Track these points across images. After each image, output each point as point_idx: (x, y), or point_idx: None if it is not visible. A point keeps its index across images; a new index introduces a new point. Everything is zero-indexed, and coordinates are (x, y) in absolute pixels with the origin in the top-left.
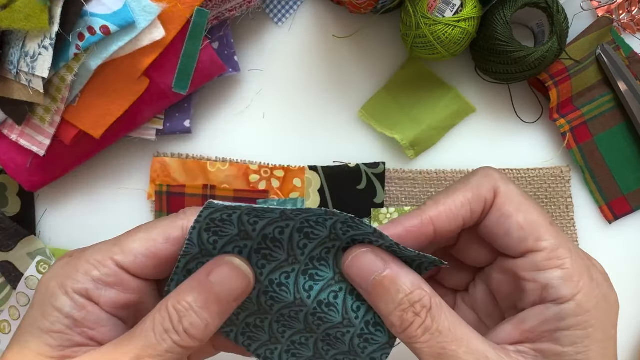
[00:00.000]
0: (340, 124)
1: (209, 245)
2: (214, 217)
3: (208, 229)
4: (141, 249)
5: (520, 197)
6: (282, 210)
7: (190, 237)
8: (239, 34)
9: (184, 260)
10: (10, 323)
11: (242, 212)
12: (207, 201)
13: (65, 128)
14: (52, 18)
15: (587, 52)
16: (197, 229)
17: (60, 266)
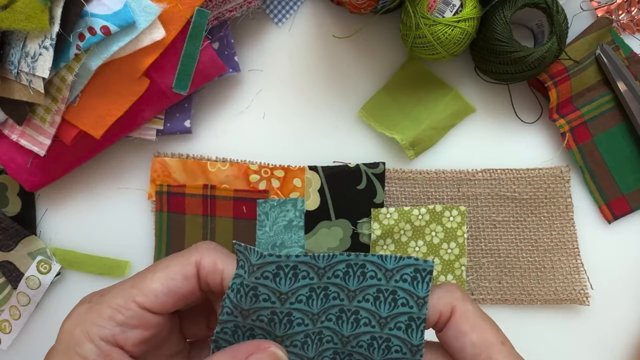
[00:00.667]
0: (340, 124)
1: (246, 305)
2: (248, 282)
3: (243, 291)
4: (161, 288)
5: (476, 317)
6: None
7: (226, 301)
8: (239, 34)
9: (223, 324)
10: (11, 323)
11: (277, 265)
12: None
13: (66, 128)
14: (53, 18)
15: (587, 52)
16: (234, 290)
17: (81, 312)
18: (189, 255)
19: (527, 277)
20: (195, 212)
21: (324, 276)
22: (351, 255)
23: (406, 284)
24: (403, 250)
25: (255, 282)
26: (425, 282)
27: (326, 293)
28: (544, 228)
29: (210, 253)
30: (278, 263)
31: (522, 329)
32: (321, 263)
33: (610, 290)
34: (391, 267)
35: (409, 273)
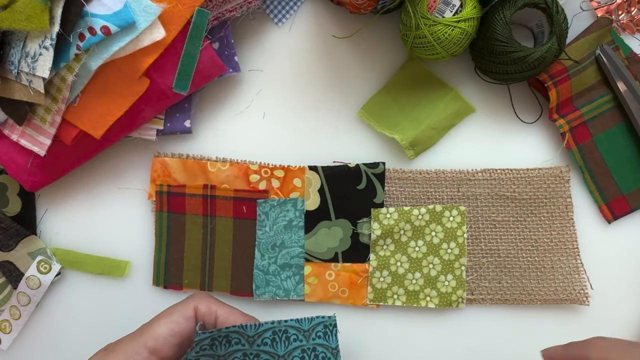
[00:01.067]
0: (340, 124)
1: None
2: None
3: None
4: (167, 330)
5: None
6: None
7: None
8: (239, 34)
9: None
10: (11, 323)
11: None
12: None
13: (66, 128)
14: (53, 18)
15: (587, 52)
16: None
17: (98, 359)
18: (187, 302)
19: (527, 277)
20: (195, 212)
21: (254, 344)
22: (274, 323)
23: (321, 340)
24: (403, 250)
25: (195, 356)
26: (333, 335)
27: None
28: (544, 228)
29: (206, 299)
30: (211, 337)
31: (522, 329)
32: (250, 332)
33: (610, 290)
34: (307, 327)
35: (320, 330)
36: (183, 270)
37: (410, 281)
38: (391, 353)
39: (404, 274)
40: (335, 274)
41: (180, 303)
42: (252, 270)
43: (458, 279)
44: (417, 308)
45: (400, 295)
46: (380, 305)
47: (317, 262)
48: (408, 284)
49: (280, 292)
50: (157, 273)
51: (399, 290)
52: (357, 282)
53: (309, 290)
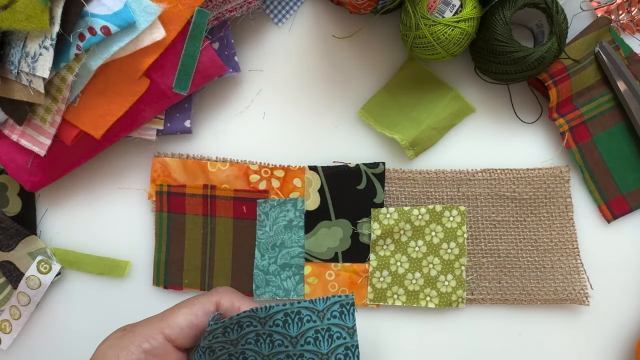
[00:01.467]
0: (340, 124)
1: (206, 358)
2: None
3: (201, 352)
4: (185, 322)
5: None
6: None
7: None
8: (239, 34)
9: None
10: (11, 322)
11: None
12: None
13: (66, 128)
14: (53, 18)
15: (586, 52)
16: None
17: (116, 337)
18: (210, 295)
19: (527, 277)
20: (195, 212)
21: (266, 325)
22: (287, 305)
23: (336, 319)
24: (403, 250)
25: (208, 344)
26: (350, 314)
27: (271, 340)
28: (544, 228)
29: (229, 294)
30: (223, 326)
31: (522, 329)
32: (261, 314)
33: (610, 290)
34: (321, 308)
35: (336, 309)
36: (183, 270)
37: (410, 281)
38: (391, 353)
39: (404, 274)
40: (335, 274)
41: (204, 295)
42: (252, 270)
43: (458, 279)
44: (417, 308)
45: (400, 295)
46: (380, 305)
47: (317, 262)
48: (408, 284)
49: (280, 292)
50: (157, 273)
51: (399, 290)
52: (357, 282)
53: (309, 290)
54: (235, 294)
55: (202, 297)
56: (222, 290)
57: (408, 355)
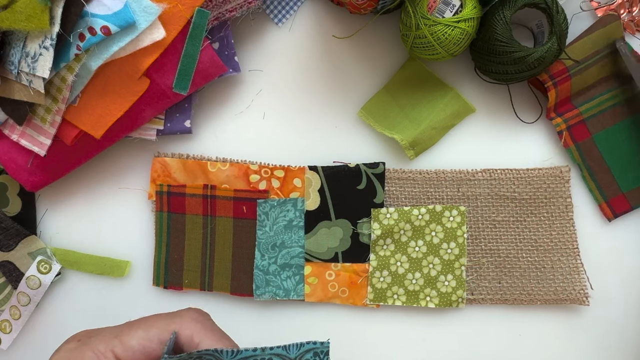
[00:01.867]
0: (340, 124)
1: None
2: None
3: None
4: (138, 347)
5: None
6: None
7: None
8: (239, 34)
9: None
10: (11, 322)
11: None
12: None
13: (66, 128)
14: (53, 18)
15: (591, 51)
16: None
17: (69, 349)
18: (171, 321)
19: (527, 277)
20: (195, 212)
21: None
22: (257, 351)
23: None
24: (403, 250)
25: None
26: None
27: None
28: (544, 228)
29: (191, 324)
30: (180, 359)
31: (522, 329)
32: (226, 358)
33: (610, 290)
34: (294, 356)
35: (310, 357)
36: (183, 270)
37: (410, 281)
38: (391, 353)
39: (404, 274)
40: (335, 274)
41: (165, 318)
42: (252, 270)
43: (458, 279)
44: (417, 308)
45: (400, 295)
46: (380, 305)
47: (317, 262)
48: (408, 284)
49: (280, 292)
50: (157, 273)
51: (399, 290)
52: (357, 282)
53: (309, 290)
54: (200, 325)
55: (161, 321)
56: (187, 317)
57: (408, 356)
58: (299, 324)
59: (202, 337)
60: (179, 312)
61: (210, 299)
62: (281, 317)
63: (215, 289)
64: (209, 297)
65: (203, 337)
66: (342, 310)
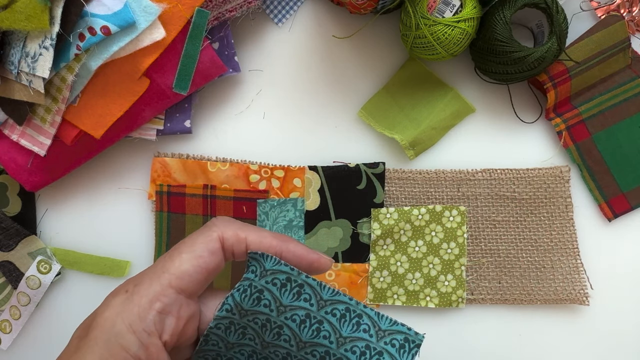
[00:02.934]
0: (340, 124)
1: (247, 305)
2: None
3: (250, 292)
4: (192, 268)
5: None
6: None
7: (229, 299)
8: (239, 34)
9: (218, 320)
10: (11, 322)
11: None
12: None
13: (66, 128)
14: (53, 18)
15: (592, 53)
16: (240, 290)
17: (120, 303)
18: (209, 231)
19: (527, 277)
20: (195, 212)
21: (323, 309)
22: (352, 301)
23: (394, 350)
24: (403, 250)
25: (263, 285)
26: (410, 354)
27: (319, 327)
28: (544, 228)
29: (229, 226)
30: (289, 275)
31: (522, 329)
32: (325, 294)
33: (610, 290)
34: (384, 327)
35: (398, 339)
36: None
37: (410, 281)
38: None
39: (404, 274)
40: (335, 274)
41: (203, 233)
42: None
43: (458, 279)
44: (417, 308)
45: (400, 295)
46: (380, 305)
47: None
48: (408, 284)
49: None
50: None
51: (399, 290)
52: (357, 282)
53: None
54: (237, 223)
55: (202, 235)
56: (222, 222)
57: None
58: None
59: (245, 232)
60: (209, 223)
61: None
62: None
63: (217, 285)
64: None
65: (247, 232)
66: None
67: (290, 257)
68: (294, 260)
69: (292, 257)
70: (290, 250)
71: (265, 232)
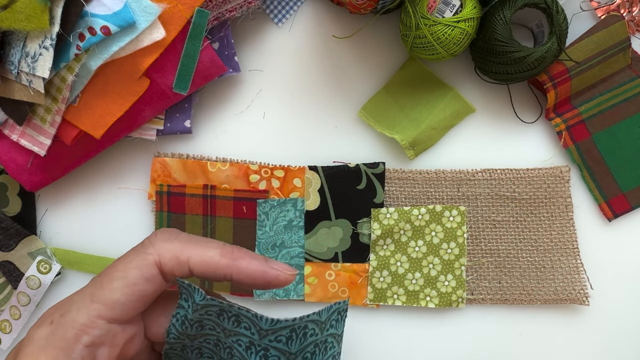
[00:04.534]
0: (340, 124)
1: (192, 331)
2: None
3: (188, 323)
4: (125, 297)
5: None
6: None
7: (171, 329)
8: (239, 34)
9: (170, 344)
10: (11, 322)
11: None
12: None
13: (66, 128)
14: (53, 18)
15: (592, 53)
16: (179, 320)
17: (44, 337)
18: (144, 254)
19: (527, 277)
20: (195, 212)
21: (266, 337)
22: (296, 320)
23: (333, 329)
24: (403, 250)
25: (199, 318)
26: (343, 320)
27: (265, 354)
28: (544, 228)
29: (168, 246)
30: (221, 307)
31: (522, 329)
32: (264, 325)
33: (610, 290)
34: (324, 318)
35: (334, 318)
36: None
37: (410, 281)
38: (391, 353)
39: (404, 274)
40: (335, 274)
41: (138, 255)
42: None
43: (458, 279)
44: (417, 308)
45: (400, 295)
46: (380, 305)
47: (317, 262)
48: (408, 284)
49: (280, 292)
50: None
51: (399, 290)
52: (357, 282)
53: (309, 290)
54: (177, 242)
55: (135, 259)
56: (158, 241)
57: (408, 355)
58: None
59: (187, 252)
60: (146, 241)
61: None
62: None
63: (215, 289)
64: None
65: (189, 252)
66: None
67: (243, 278)
68: (247, 281)
69: (244, 278)
70: (241, 271)
71: (212, 249)
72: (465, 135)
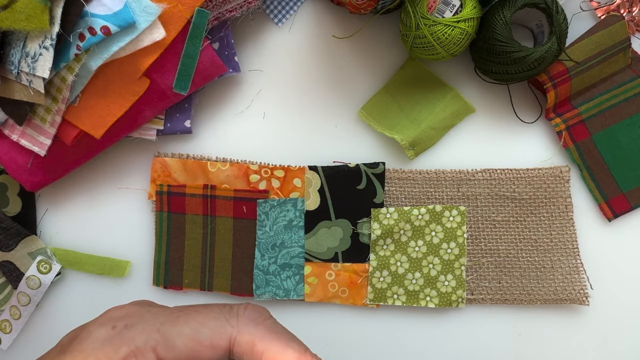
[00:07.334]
0: (340, 124)
1: None
2: None
3: None
4: (185, 349)
5: None
6: None
7: None
8: (239, 34)
9: None
10: (11, 322)
11: None
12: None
13: (66, 128)
14: (53, 18)
15: (592, 53)
16: None
17: (102, 338)
18: (227, 322)
19: (527, 277)
20: (195, 212)
21: None
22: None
23: None
24: (403, 250)
25: None
26: None
27: None
28: (544, 228)
29: (251, 329)
30: None
31: (522, 329)
32: None
33: (610, 290)
34: None
35: None
36: (183, 270)
37: (410, 281)
38: (391, 353)
39: (404, 274)
40: (335, 273)
41: (221, 315)
42: (252, 270)
43: (458, 279)
44: (417, 308)
45: (400, 295)
46: (380, 305)
47: (317, 262)
48: (408, 284)
49: (280, 292)
50: (157, 273)
51: (399, 290)
52: (357, 282)
53: (309, 290)
54: (262, 328)
55: (216, 320)
56: (244, 319)
57: (408, 355)
58: (299, 324)
59: (266, 344)
60: (235, 309)
61: (211, 299)
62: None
63: (216, 289)
64: (209, 297)
65: (267, 345)
66: (342, 310)
67: None
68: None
69: None
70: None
71: (292, 350)
72: (465, 135)
